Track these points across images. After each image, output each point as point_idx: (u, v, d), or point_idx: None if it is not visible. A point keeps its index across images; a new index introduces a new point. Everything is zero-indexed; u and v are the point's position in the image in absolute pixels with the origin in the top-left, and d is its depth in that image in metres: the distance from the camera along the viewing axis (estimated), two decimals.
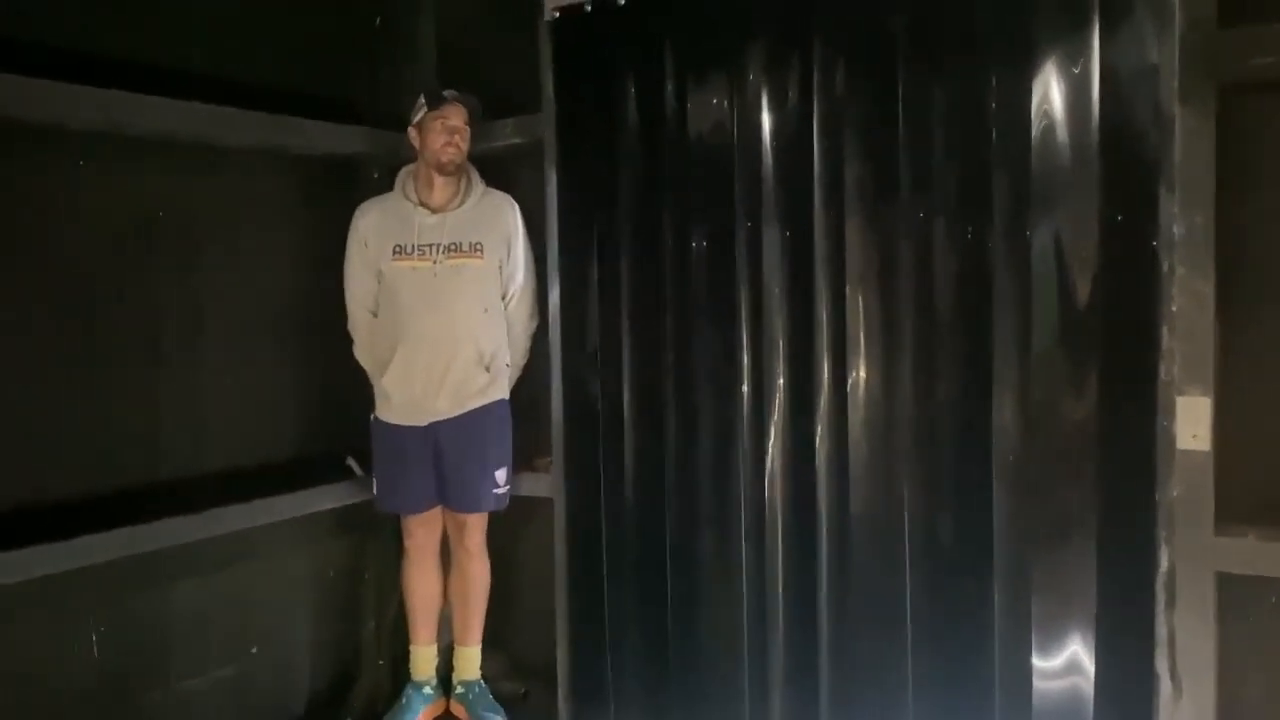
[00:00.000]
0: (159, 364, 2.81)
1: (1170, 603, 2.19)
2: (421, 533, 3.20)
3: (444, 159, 3.00)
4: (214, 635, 2.93)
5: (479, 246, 3.04)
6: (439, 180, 3.04)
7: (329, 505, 3.15)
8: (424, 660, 3.25)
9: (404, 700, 3.20)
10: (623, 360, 3.00)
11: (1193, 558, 2.16)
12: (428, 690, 3.23)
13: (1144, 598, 2.23)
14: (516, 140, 3.17)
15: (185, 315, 2.88)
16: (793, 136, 2.72)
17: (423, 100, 3.01)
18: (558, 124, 3.07)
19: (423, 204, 3.05)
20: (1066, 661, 2.36)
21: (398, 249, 3.03)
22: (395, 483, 3.12)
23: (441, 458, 3.07)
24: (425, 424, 3.05)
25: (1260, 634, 2.18)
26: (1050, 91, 2.34)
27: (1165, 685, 2.21)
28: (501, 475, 3.12)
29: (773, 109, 2.74)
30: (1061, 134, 2.33)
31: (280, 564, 3.13)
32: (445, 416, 3.04)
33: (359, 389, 3.17)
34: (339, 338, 3.16)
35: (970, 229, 2.47)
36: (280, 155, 3.10)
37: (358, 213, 3.11)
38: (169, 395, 2.84)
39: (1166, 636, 2.20)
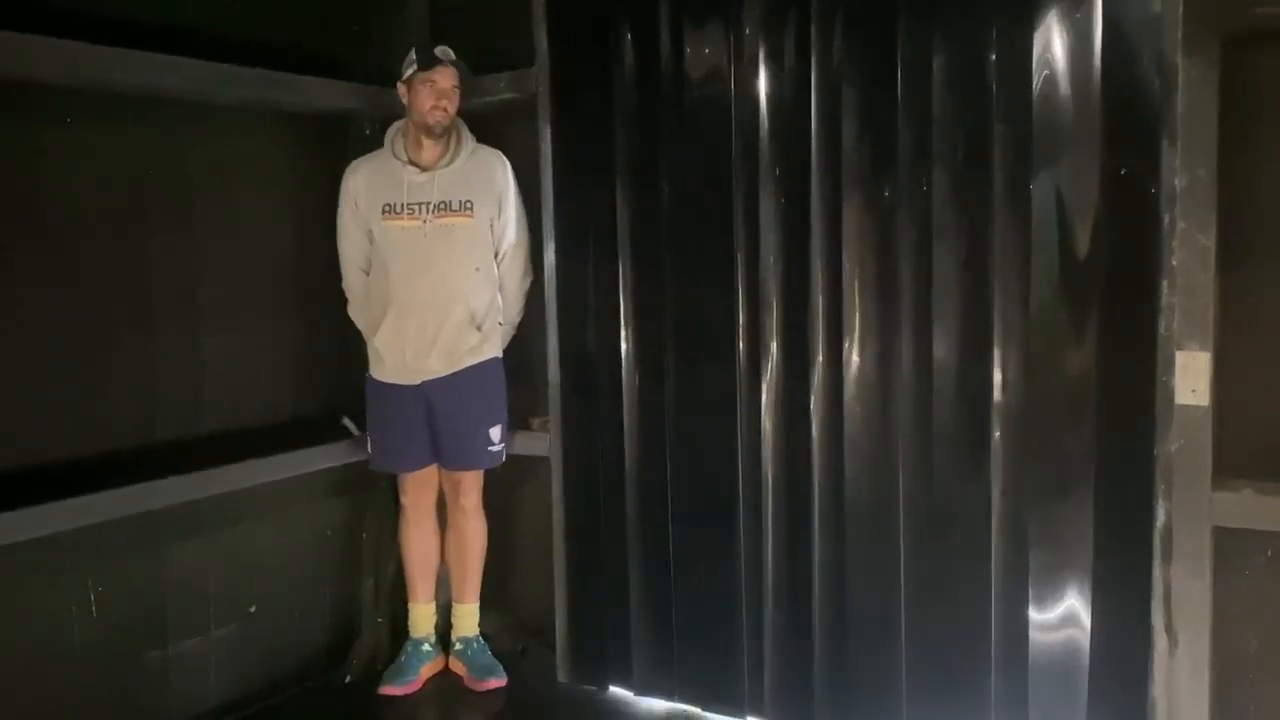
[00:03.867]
0: (153, 324, 2.79)
1: (1167, 556, 2.20)
2: (417, 492, 3.20)
3: (430, 122, 2.96)
4: (212, 595, 2.94)
5: (469, 204, 3.01)
6: (427, 139, 3.01)
7: (326, 465, 3.15)
8: (422, 618, 3.26)
9: (403, 658, 3.22)
10: (619, 318, 2.99)
11: (1190, 512, 2.17)
12: (426, 648, 3.25)
13: (1141, 551, 2.24)
14: (510, 95, 3.12)
15: (178, 274, 2.85)
16: (790, 90, 2.69)
17: (413, 56, 2.95)
18: (551, 79, 3.03)
19: (412, 162, 3.02)
20: (1063, 615, 2.38)
21: (387, 208, 3.00)
22: (390, 442, 3.11)
23: (435, 417, 3.06)
24: (418, 383, 3.04)
25: (1256, 588, 2.19)
26: (1052, 43, 2.31)
27: (1161, 639, 2.22)
28: (496, 433, 3.12)
29: (770, 62, 2.71)
30: (1063, 87, 2.31)
31: (278, 524, 3.12)
32: (438, 376, 3.03)
33: (354, 348, 3.15)
34: (334, 296, 3.14)
35: (970, 184, 2.45)
36: (272, 112, 3.06)
37: (348, 171, 3.07)
38: (164, 355, 2.82)
39: (1163, 590, 2.21)
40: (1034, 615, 2.41)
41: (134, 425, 2.76)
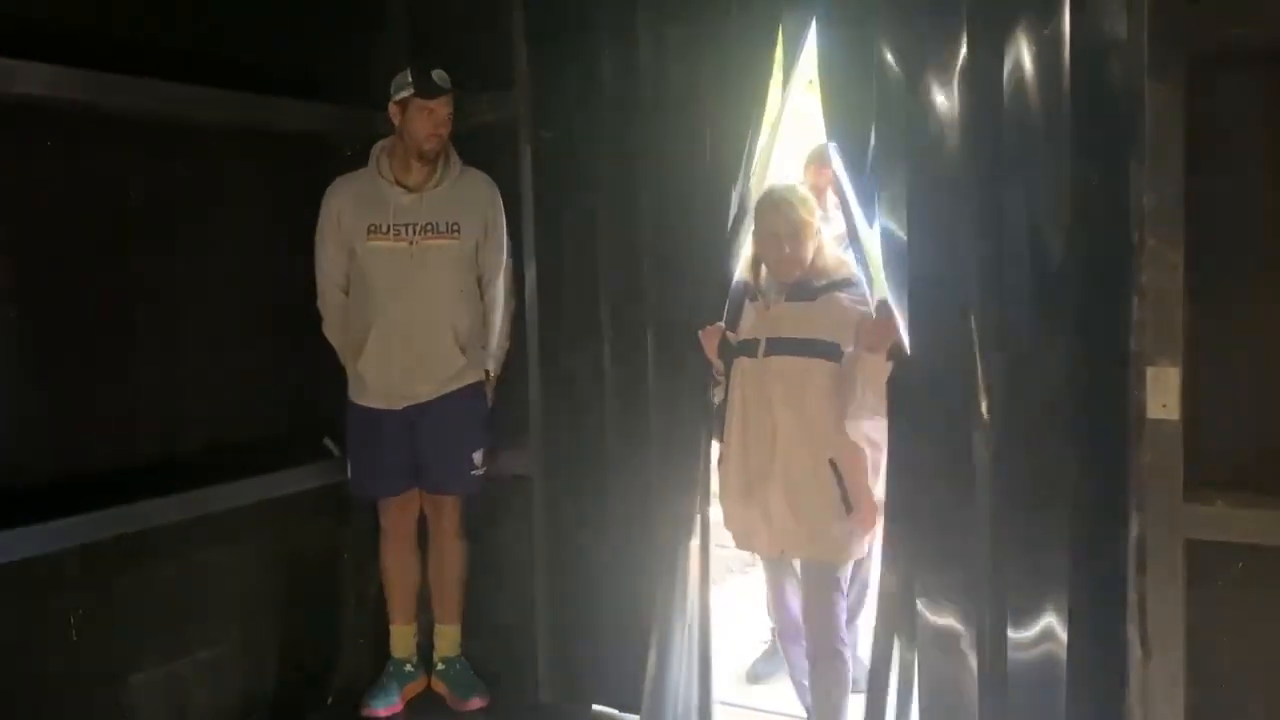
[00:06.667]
0: (134, 345, 2.78)
1: (1141, 569, 2.21)
2: (398, 515, 3.18)
3: (426, 148, 2.94)
4: (194, 617, 2.92)
5: (456, 227, 3.00)
6: (418, 162, 2.98)
7: (307, 486, 3.13)
8: (403, 639, 3.25)
9: (385, 679, 3.21)
10: (601, 336, 3.00)
11: (1162, 525, 2.18)
12: (408, 668, 3.24)
13: (1115, 564, 2.26)
14: (490, 117, 3.13)
15: (159, 295, 2.84)
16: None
17: (409, 79, 2.90)
18: (532, 100, 3.04)
19: (399, 182, 3.00)
20: (1040, 628, 2.39)
21: (372, 228, 2.97)
22: (370, 467, 3.09)
23: (418, 441, 3.04)
24: (401, 408, 3.02)
25: (1228, 599, 2.21)
26: (1021, 63, 2.35)
27: (1136, 650, 2.24)
28: (478, 457, 3.10)
29: (748, 78, 2.74)
30: (1032, 106, 2.34)
31: (259, 545, 3.10)
32: (422, 400, 3.02)
33: (335, 369, 3.15)
34: (315, 317, 3.13)
35: (941, 204, 2.48)
36: (252, 133, 3.05)
37: (331, 189, 3.05)
38: (145, 376, 2.81)
39: (1137, 602, 2.23)
40: (1011, 628, 2.43)
41: (115, 446, 2.75)
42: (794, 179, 3.26)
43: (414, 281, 2.97)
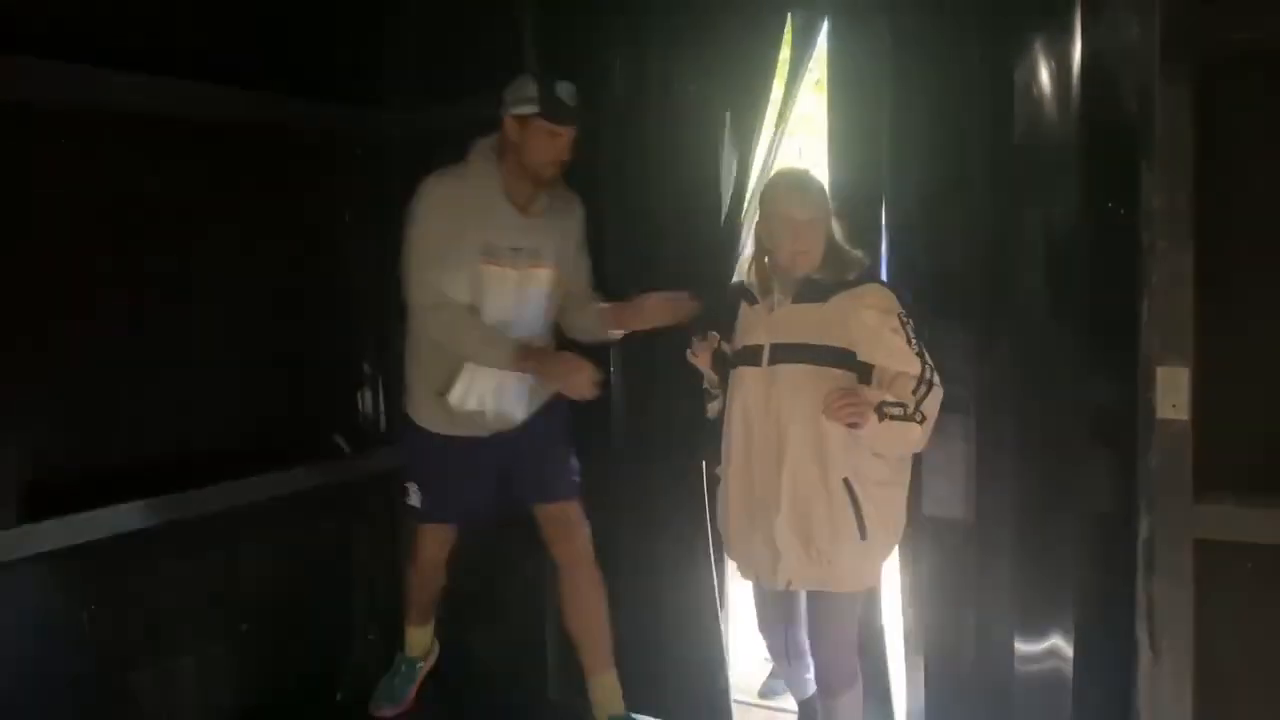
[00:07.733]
0: (145, 342, 2.79)
1: (1150, 569, 2.22)
2: (435, 547, 3.01)
3: (545, 175, 2.64)
4: (205, 613, 2.94)
5: (555, 256, 2.75)
6: (532, 184, 2.67)
7: (318, 482, 3.14)
8: (421, 639, 3.19)
9: (395, 679, 3.18)
10: (609, 351, 3.01)
11: (1172, 525, 2.19)
12: (420, 665, 3.22)
13: (1124, 565, 2.27)
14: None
15: (169, 293, 2.85)
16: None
17: (533, 93, 2.56)
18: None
19: (510, 200, 2.69)
20: (1048, 628, 2.41)
21: (488, 250, 2.63)
22: (447, 496, 2.89)
23: (514, 460, 2.84)
24: (488, 434, 2.79)
25: (1237, 599, 2.21)
26: (1033, 68, 2.36)
27: (1145, 651, 2.25)
28: (575, 462, 2.94)
29: (757, 94, 2.75)
30: (1044, 110, 2.36)
31: (270, 540, 3.11)
32: (513, 426, 2.81)
33: (343, 365, 3.14)
34: (323, 314, 3.12)
35: (953, 205, 2.49)
36: (260, 132, 3.03)
37: (446, 191, 2.65)
38: (156, 373, 2.81)
39: (1146, 603, 2.24)
40: (1018, 630, 2.44)
41: (124, 442, 2.76)
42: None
43: (521, 311, 2.71)
